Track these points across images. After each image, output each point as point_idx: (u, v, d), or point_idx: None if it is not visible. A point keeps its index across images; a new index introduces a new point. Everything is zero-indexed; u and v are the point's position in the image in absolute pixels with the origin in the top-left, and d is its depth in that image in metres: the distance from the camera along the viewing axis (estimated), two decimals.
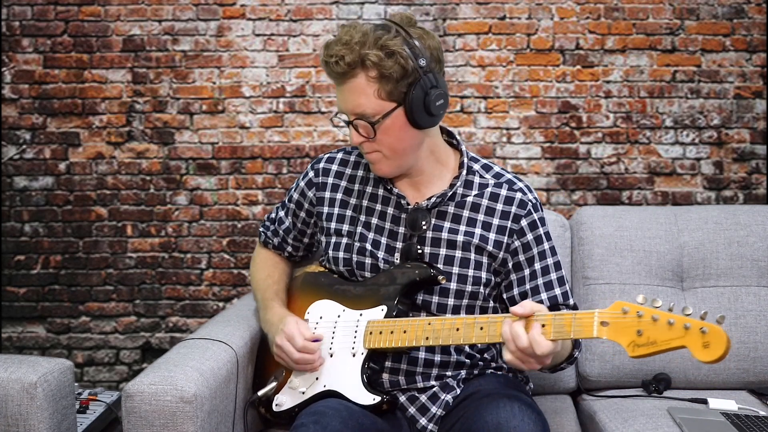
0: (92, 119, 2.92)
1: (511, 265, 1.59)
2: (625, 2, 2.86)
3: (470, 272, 1.57)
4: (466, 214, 1.59)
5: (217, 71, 2.91)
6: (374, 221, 1.64)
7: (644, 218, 2.10)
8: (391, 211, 1.63)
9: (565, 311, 1.36)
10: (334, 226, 1.67)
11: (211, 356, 1.61)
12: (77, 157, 2.92)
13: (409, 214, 1.60)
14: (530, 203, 1.59)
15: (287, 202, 1.80)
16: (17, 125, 2.91)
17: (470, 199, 1.60)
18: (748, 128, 2.87)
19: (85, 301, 2.93)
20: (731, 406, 1.78)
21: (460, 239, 1.57)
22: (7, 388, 1.48)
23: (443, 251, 1.58)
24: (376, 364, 1.57)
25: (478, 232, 1.58)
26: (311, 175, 1.73)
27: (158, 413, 1.45)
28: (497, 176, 1.62)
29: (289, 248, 1.84)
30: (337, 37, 1.49)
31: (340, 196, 1.68)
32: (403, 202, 1.61)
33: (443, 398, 1.57)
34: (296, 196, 1.76)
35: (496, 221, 1.58)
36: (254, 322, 1.85)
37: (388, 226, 1.63)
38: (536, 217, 1.59)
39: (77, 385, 2.18)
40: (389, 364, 1.58)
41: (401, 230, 1.61)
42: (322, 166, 1.72)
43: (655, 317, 1.23)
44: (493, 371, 1.65)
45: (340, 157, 1.72)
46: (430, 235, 1.59)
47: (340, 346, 1.57)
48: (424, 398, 1.58)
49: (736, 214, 2.10)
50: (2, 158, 2.91)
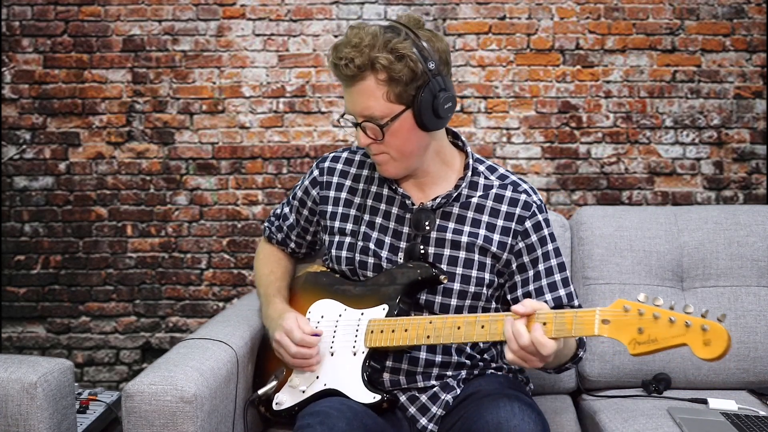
0: (92, 119, 2.92)
1: (515, 266, 1.59)
2: (625, 2, 2.86)
3: (473, 273, 1.57)
4: (470, 215, 1.59)
5: (217, 71, 2.91)
6: (378, 221, 1.64)
7: (644, 218, 2.10)
8: (395, 210, 1.63)
9: (567, 310, 1.36)
10: (337, 225, 1.67)
11: (211, 356, 1.61)
12: (77, 157, 2.92)
13: (413, 214, 1.59)
14: (534, 205, 1.59)
15: (291, 199, 1.80)
16: (17, 125, 2.91)
17: (475, 200, 1.60)
18: (748, 128, 2.87)
19: (85, 301, 2.93)
20: (731, 406, 1.78)
21: (464, 240, 1.57)
22: (7, 388, 1.48)
23: (447, 252, 1.58)
24: (377, 363, 1.57)
25: (482, 233, 1.57)
26: (316, 173, 1.73)
27: (158, 413, 1.45)
28: (502, 178, 1.63)
29: (292, 244, 1.84)
30: (345, 38, 1.48)
31: (344, 195, 1.68)
32: (407, 202, 1.61)
33: (443, 398, 1.57)
34: (300, 193, 1.77)
35: (500, 222, 1.58)
36: (254, 321, 1.85)
37: (392, 225, 1.63)
38: (540, 218, 1.59)
39: (77, 385, 2.18)
40: (390, 363, 1.58)
41: (405, 230, 1.61)
42: (327, 165, 1.73)
43: (656, 315, 1.22)
44: (493, 371, 1.65)
45: (345, 156, 1.73)
46: (434, 235, 1.59)
47: (341, 344, 1.58)
48: (424, 398, 1.58)
49: (736, 214, 2.10)
50: (2, 158, 2.91)
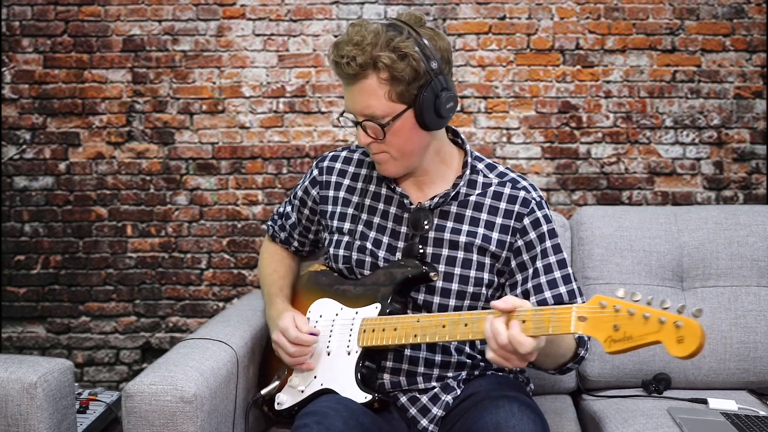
0: (92, 119, 2.92)
1: (514, 264, 1.58)
2: (625, 2, 2.86)
3: (472, 273, 1.56)
4: (469, 213, 1.58)
5: (217, 71, 2.91)
6: (376, 220, 1.64)
7: (644, 218, 2.10)
8: (393, 210, 1.63)
9: (545, 306, 1.32)
10: (336, 224, 1.67)
11: (211, 356, 1.61)
12: (77, 157, 2.92)
13: (411, 213, 1.59)
14: (533, 201, 1.58)
15: (293, 198, 1.80)
16: (17, 125, 2.91)
17: (473, 198, 1.59)
18: (748, 128, 2.87)
19: (85, 301, 2.93)
20: (731, 406, 1.78)
21: (462, 240, 1.57)
22: (7, 388, 1.48)
23: (445, 252, 1.57)
24: (373, 362, 1.57)
25: (481, 231, 1.57)
26: (315, 173, 1.73)
27: (158, 413, 1.45)
28: (501, 175, 1.62)
29: (295, 243, 1.84)
30: (347, 36, 1.46)
31: (342, 194, 1.68)
32: (406, 201, 1.60)
33: (444, 399, 1.57)
34: (300, 193, 1.77)
35: (499, 220, 1.57)
36: (254, 321, 1.85)
37: (390, 225, 1.62)
38: (539, 215, 1.57)
39: (77, 385, 2.18)
40: (390, 364, 1.58)
41: (403, 230, 1.61)
42: (326, 164, 1.72)
43: (631, 311, 1.17)
44: (493, 372, 1.65)
45: (344, 155, 1.72)
46: (432, 235, 1.58)
47: (336, 344, 1.58)
48: (425, 399, 1.58)
49: (736, 214, 2.10)
50: (2, 158, 2.91)
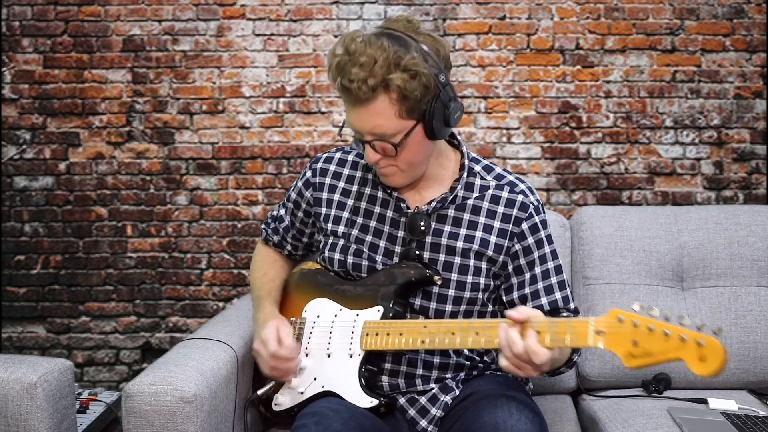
0: (92, 119, 2.92)
1: (511, 268, 1.57)
2: (625, 2, 2.86)
3: (469, 279, 1.55)
4: (466, 217, 1.57)
5: (217, 71, 2.91)
6: (373, 224, 1.62)
7: (644, 218, 2.10)
8: (390, 214, 1.61)
9: (560, 318, 1.33)
10: (330, 227, 1.66)
11: (211, 356, 1.61)
12: (77, 157, 2.92)
13: (408, 218, 1.57)
14: (532, 206, 1.57)
15: (287, 201, 1.79)
16: (17, 125, 2.91)
17: (471, 201, 1.58)
18: (748, 128, 2.87)
19: (85, 301, 2.93)
20: (731, 406, 1.78)
21: (459, 245, 1.55)
22: (7, 388, 1.48)
23: (442, 257, 1.56)
24: (374, 365, 1.56)
25: (478, 236, 1.55)
26: (309, 175, 1.71)
27: (158, 413, 1.45)
28: (498, 178, 1.60)
29: (288, 246, 1.83)
30: (347, 55, 1.39)
31: (337, 197, 1.66)
32: (402, 205, 1.58)
33: (442, 399, 1.56)
34: (294, 195, 1.75)
35: (497, 224, 1.56)
36: None
37: (386, 229, 1.61)
38: (537, 220, 1.57)
39: (77, 385, 2.18)
40: (389, 366, 1.57)
41: (400, 234, 1.59)
42: (319, 166, 1.70)
43: (651, 327, 1.19)
44: (492, 372, 1.64)
45: (338, 156, 1.70)
46: (429, 240, 1.57)
47: (337, 346, 1.57)
48: (423, 400, 1.57)
49: (736, 214, 2.10)
50: (2, 158, 2.91)
